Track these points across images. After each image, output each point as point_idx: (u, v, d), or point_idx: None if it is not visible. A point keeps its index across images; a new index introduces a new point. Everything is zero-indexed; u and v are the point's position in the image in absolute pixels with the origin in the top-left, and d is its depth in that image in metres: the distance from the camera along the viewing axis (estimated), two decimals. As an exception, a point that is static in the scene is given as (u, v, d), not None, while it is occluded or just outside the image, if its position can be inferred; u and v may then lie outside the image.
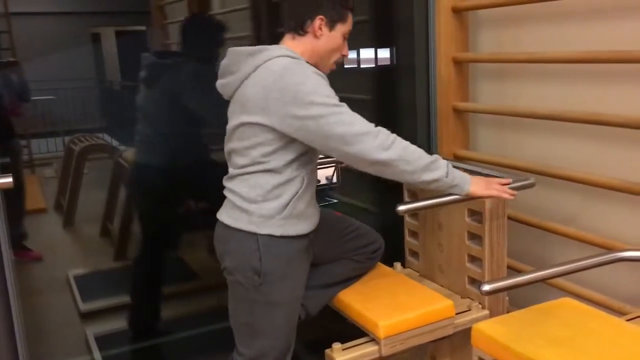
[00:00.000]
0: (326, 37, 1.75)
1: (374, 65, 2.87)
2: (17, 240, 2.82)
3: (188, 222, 2.87)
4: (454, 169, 1.74)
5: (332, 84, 1.71)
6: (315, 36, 1.74)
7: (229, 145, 1.77)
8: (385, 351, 1.82)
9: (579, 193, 2.10)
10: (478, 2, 2.34)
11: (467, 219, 2.01)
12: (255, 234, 1.72)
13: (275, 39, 1.83)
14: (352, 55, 2.76)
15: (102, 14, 3.49)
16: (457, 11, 2.36)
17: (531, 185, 1.95)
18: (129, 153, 3.10)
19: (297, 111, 1.60)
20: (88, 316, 2.79)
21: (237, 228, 1.74)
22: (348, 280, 2.06)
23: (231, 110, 1.77)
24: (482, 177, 1.82)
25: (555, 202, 2.19)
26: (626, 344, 1.41)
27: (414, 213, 2.28)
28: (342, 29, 1.77)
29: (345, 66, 2.81)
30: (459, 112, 2.45)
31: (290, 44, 1.75)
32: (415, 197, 2.26)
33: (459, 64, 2.41)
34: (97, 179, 3.21)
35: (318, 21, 1.73)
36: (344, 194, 2.80)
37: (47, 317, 2.79)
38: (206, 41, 2.70)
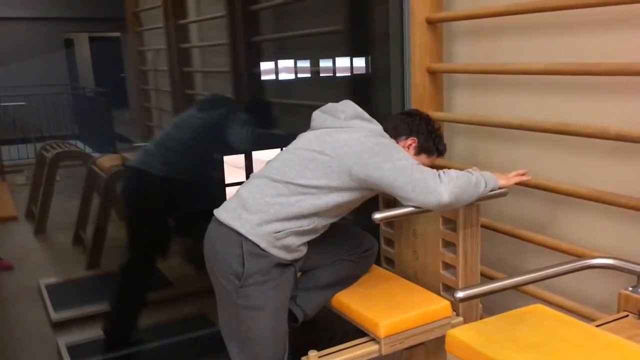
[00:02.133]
0: (413, 155, 2.01)
1: (349, 74, 2.89)
2: (-13, 248, 2.76)
3: (166, 231, 2.86)
4: (484, 173, 1.91)
5: (307, 92, 1.75)
6: (404, 146, 2.03)
7: (286, 154, 1.91)
8: (386, 350, 1.88)
9: (550, 202, 2.14)
10: (452, 14, 2.38)
11: (442, 227, 2.04)
12: (241, 236, 1.75)
13: (251, 48, 1.86)
14: (328, 63, 2.78)
15: (75, 19, 3.45)
16: (432, 22, 2.40)
17: (504, 194, 1.98)
18: (102, 160, 3.07)
19: (372, 159, 1.82)
20: (60, 326, 2.74)
21: (229, 226, 1.77)
22: (344, 282, 2.09)
23: (312, 135, 1.97)
24: (497, 173, 2.00)
25: (527, 210, 2.23)
26: (595, 349, 1.44)
27: (389, 221, 2.30)
28: (422, 159, 2.05)
29: (321, 75, 2.82)
30: (433, 122, 2.48)
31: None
32: (390, 205, 2.28)
33: (433, 74, 2.45)
34: (69, 187, 3.15)
35: (410, 141, 2.05)
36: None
37: (17, 327, 2.73)
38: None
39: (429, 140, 2.08)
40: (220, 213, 1.84)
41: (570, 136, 2.00)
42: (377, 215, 1.85)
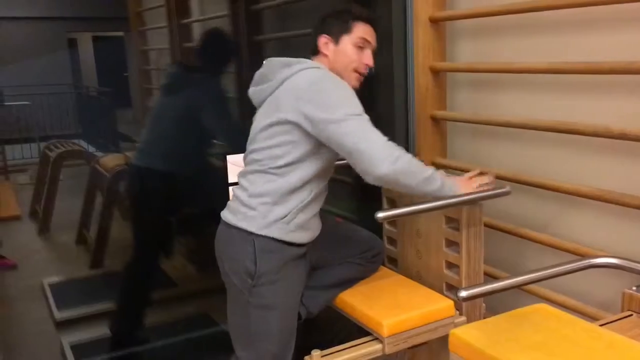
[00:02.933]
0: (334, 53, 1.86)
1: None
2: (-9, 247, 2.77)
3: (169, 229, 2.87)
4: (447, 178, 1.86)
5: None
6: (325, 54, 1.85)
7: (252, 146, 1.83)
8: (389, 349, 1.88)
9: (553, 201, 2.14)
10: (455, 12, 2.38)
11: (445, 226, 2.04)
12: (252, 234, 1.75)
13: (253, 46, 1.87)
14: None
15: (79, 19, 3.46)
16: (435, 21, 2.39)
17: (507, 193, 1.98)
18: (105, 159, 3.08)
19: (322, 114, 1.68)
20: (63, 325, 2.76)
21: (237, 227, 1.77)
22: (350, 283, 2.09)
23: (261, 112, 1.83)
24: (462, 178, 1.95)
25: (531, 209, 2.23)
26: (599, 349, 1.44)
27: (392, 220, 2.30)
28: (349, 40, 1.85)
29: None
30: (436, 121, 2.48)
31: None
32: (394, 205, 2.28)
33: (436, 73, 2.44)
34: (73, 186, 3.17)
35: (322, 40, 1.85)
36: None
37: (21, 325, 2.75)
38: (222, 57, 2.79)
39: (332, 19, 1.87)
40: (226, 215, 1.84)
41: (573, 135, 1.99)
42: (381, 214, 1.85)
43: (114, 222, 2.94)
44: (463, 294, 1.56)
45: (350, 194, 2.97)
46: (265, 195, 1.77)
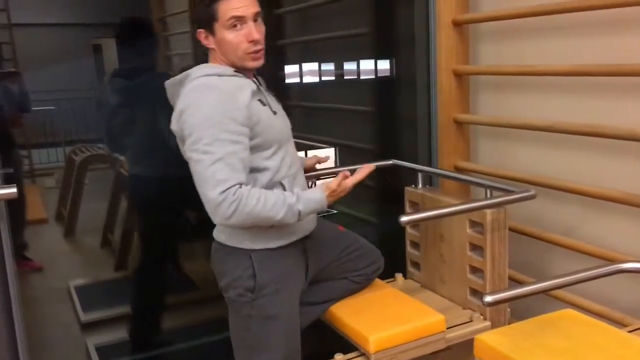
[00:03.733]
0: (217, 45, 1.68)
1: (373, 77, 2.89)
2: (18, 250, 2.81)
3: (187, 232, 2.88)
4: (309, 199, 1.63)
5: (333, 96, 1.69)
6: (212, 48, 1.70)
7: None
8: None
9: (579, 204, 2.11)
10: (478, 15, 2.37)
11: (469, 230, 2.02)
12: (249, 250, 1.71)
13: (276, 51, 1.84)
14: (353, 66, 2.78)
15: (103, 25, 3.51)
16: (458, 24, 2.38)
17: (532, 197, 1.96)
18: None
19: (186, 139, 1.59)
20: (89, 327, 2.78)
21: (230, 245, 1.73)
22: (341, 298, 2.02)
23: None
24: (327, 186, 1.68)
25: (556, 213, 2.20)
26: (627, 356, 1.41)
27: (415, 224, 2.29)
28: (221, 26, 1.64)
29: (345, 77, 2.83)
30: (459, 124, 2.47)
31: (210, 60, 1.74)
32: (417, 208, 2.27)
33: (459, 76, 2.43)
34: (98, 190, 3.20)
35: (201, 35, 1.70)
36: (344, 204, 2.81)
37: (47, 327, 2.78)
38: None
39: (199, 9, 1.67)
40: (219, 236, 1.77)
41: (598, 138, 1.97)
42: (404, 218, 1.84)
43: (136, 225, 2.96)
44: (488, 299, 1.54)
45: (372, 197, 2.96)
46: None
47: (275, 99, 1.83)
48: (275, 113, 1.73)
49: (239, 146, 1.57)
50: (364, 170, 1.72)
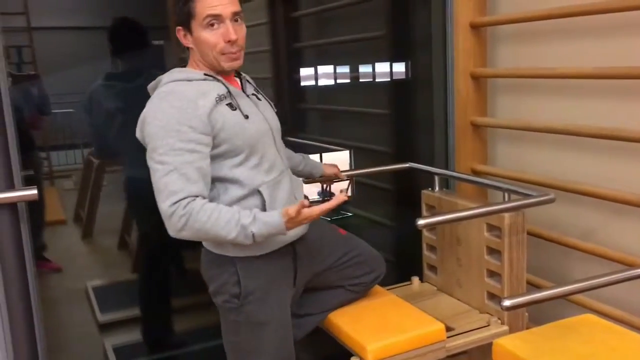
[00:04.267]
0: (195, 44, 1.64)
1: (389, 79, 2.89)
2: (37, 251, 2.84)
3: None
4: (265, 223, 1.54)
5: (348, 98, 1.67)
6: (190, 47, 1.67)
7: None
8: None
9: (598, 208, 2.09)
10: (496, 18, 2.36)
11: (486, 234, 2.01)
12: (234, 258, 1.67)
13: (292, 54, 1.83)
14: (368, 69, 2.78)
15: (122, 28, 3.54)
16: (475, 27, 2.37)
17: (551, 201, 1.95)
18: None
19: (147, 148, 1.58)
20: (106, 327, 2.81)
21: (216, 253, 1.70)
22: (339, 307, 1.98)
23: None
24: (286, 212, 1.54)
25: (575, 217, 2.18)
26: (649, 362, 1.40)
27: (432, 227, 2.28)
28: (198, 24, 1.60)
29: (360, 80, 2.83)
30: (477, 127, 2.46)
31: (189, 59, 1.72)
32: (433, 211, 2.26)
33: (477, 79, 2.42)
34: (115, 192, 3.23)
35: (180, 33, 1.66)
36: (359, 207, 2.81)
37: (65, 327, 2.81)
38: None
39: (177, 6, 1.64)
40: (207, 244, 1.74)
41: (617, 141, 1.95)
42: (421, 222, 1.83)
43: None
44: (507, 303, 1.54)
45: (389, 200, 2.96)
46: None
47: (267, 99, 1.79)
48: (247, 117, 1.64)
49: (196, 155, 1.53)
50: (336, 199, 1.57)
